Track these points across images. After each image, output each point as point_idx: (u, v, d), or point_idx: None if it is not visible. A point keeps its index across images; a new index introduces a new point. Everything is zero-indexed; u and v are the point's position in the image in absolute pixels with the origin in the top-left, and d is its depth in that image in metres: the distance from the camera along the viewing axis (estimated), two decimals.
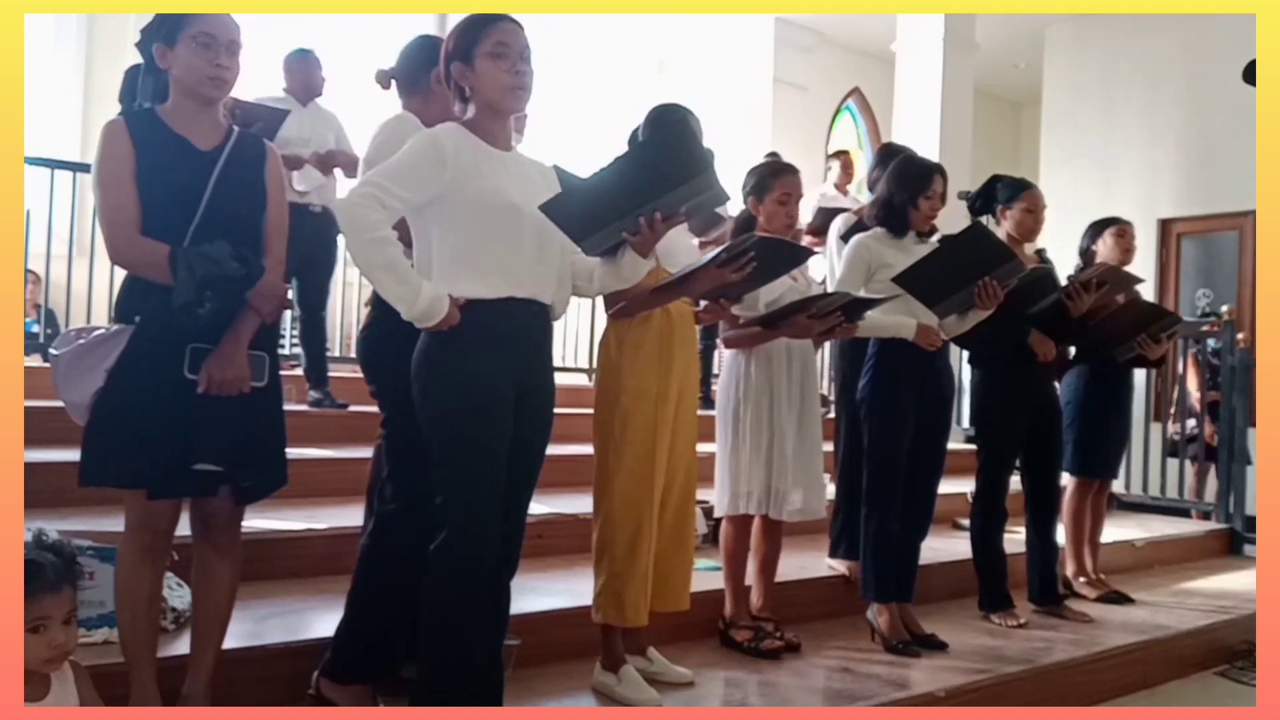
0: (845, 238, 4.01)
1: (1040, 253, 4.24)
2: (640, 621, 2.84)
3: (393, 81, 2.84)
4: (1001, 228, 4.02)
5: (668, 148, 2.36)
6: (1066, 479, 4.47)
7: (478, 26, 2.33)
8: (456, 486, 2.24)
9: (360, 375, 2.75)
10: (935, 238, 3.61)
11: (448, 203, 2.25)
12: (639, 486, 2.81)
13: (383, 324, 2.59)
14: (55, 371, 2.22)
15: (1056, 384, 4.37)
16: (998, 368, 4.00)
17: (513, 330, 2.30)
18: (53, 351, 2.24)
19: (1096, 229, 4.50)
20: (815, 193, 5.80)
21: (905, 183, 3.52)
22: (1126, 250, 4.40)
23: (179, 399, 2.17)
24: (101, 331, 2.21)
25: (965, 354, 4.28)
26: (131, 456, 2.15)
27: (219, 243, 2.19)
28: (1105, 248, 4.41)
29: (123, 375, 2.15)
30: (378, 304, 2.63)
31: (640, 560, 2.81)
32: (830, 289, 3.48)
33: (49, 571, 1.83)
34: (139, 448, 2.14)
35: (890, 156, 4.16)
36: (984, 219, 4.18)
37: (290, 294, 3.59)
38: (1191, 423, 6.64)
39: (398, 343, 2.40)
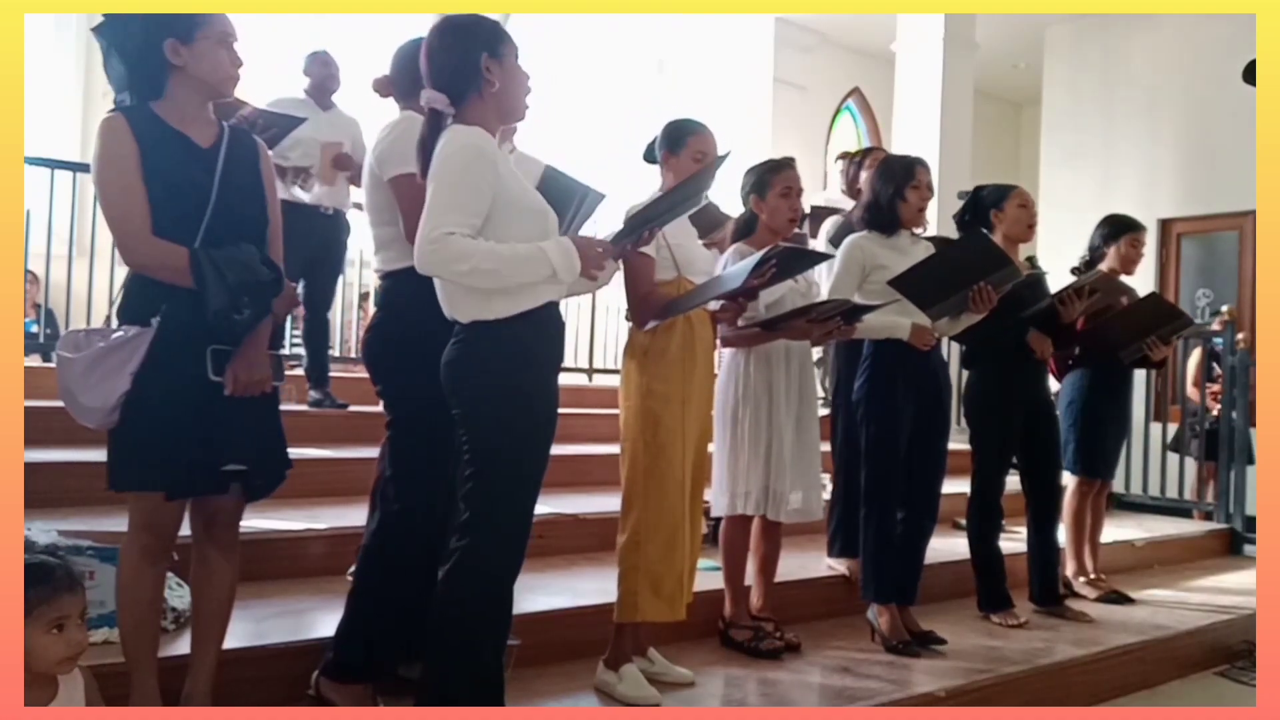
0: (834, 242, 4.01)
1: (1031, 259, 4.23)
2: (679, 615, 2.90)
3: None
4: (996, 231, 4.02)
5: (700, 181, 2.54)
6: (1068, 479, 4.47)
7: (499, 28, 2.32)
8: (494, 496, 2.21)
9: (361, 375, 2.76)
10: (927, 233, 3.62)
11: (490, 211, 2.21)
12: (671, 487, 2.85)
13: (386, 326, 2.59)
14: (69, 374, 2.17)
15: (1054, 384, 4.36)
16: (992, 368, 4.00)
17: (550, 338, 2.32)
18: (64, 355, 2.19)
19: (1113, 231, 4.40)
20: (820, 196, 5.79)
21: (890, 178, 3.52)
22: (1134, 261, 4.37)
23: (204, 400, 2.18)
24: (119, 334, 2.17)
25: (960, 352, 4.28)
26: (165, 460, 2.15)
27: (246, 247, 2.20)
28: (1117, 254, 4.34)
29: (150, 379, 2.13)
30: (383, 305, 2.63)
31: (677, 557, 2.86)
32: (825, 289, 3.49)
33: (60, 573, 1.83)
34: (172, 451, 2.15)
35: (853, 160, 4.23)
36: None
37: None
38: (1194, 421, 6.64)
39: (401, 344, 2.40)
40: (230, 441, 2.21)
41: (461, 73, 2.25)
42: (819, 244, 4.29)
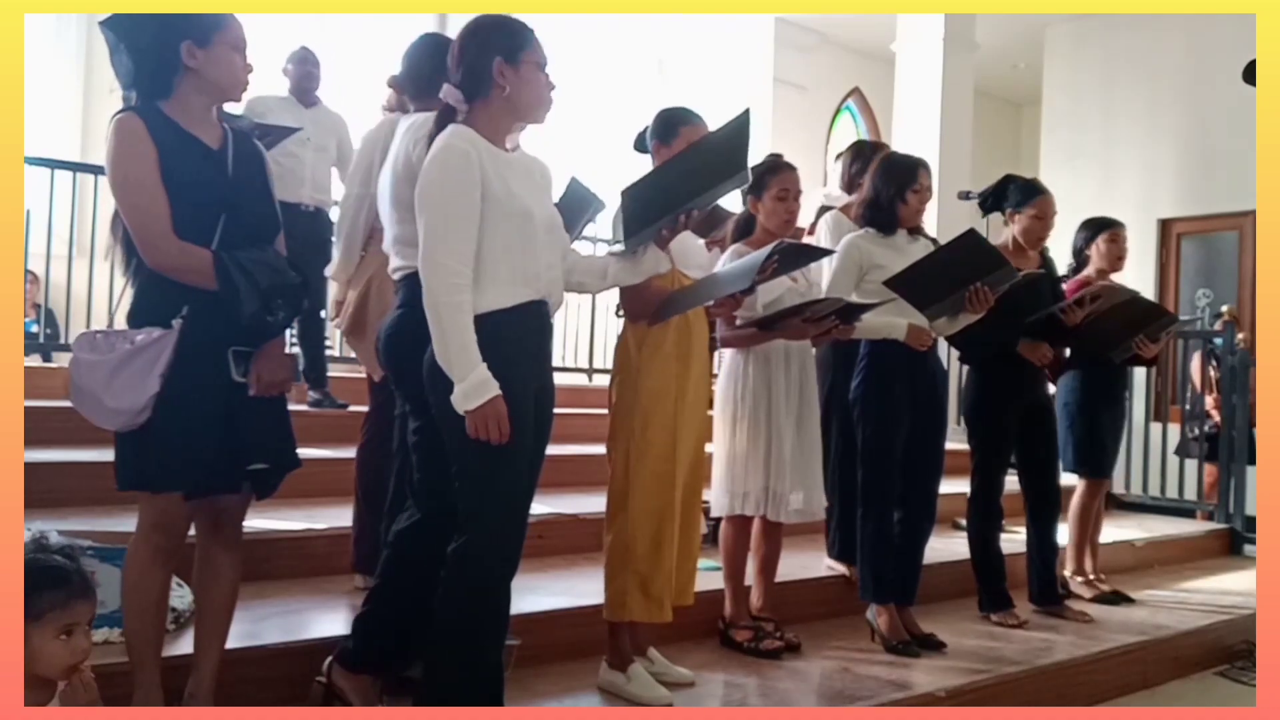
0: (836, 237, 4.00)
1: (1042, 251, 4.23)
2: (666, 617, 2.87)
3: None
4: (1008, 230, 4.02)
5: (728, 144, 2.35)
6: (1073, 480, 4.47)
7: (523, 32, 2.33)
8: (481, 495, 2.24)
9: (360, 375, 2.75)
10: (927, 232, 3.62)
11: None
12: (662, 486, 2.83)
13: (411, 326, 2.57)
14: (92, 377, 2.16)
15: (1051, 385, 4.36)
16: (990, 367, 4.00)
17: (531, 333, 2.32)
18: (85, 357, 2.18)
19: (1090, 231, 4.46)
20: (819, 194, 5.79)
21: (891, 178, 3.52)
22: (1118, 257, 4.39)
23: (229, 401, 2.20)
24: (143, 336, 2.16)
25: (957, 353, 4.28)
26: (194, 460, 2.16)
27: (268, 249, 2.23)
28: (1098, 252, 4.38)
29: (179, 380, 2.13)
30: (406, 305, 2.61)
31: (665, 557, 2.83)
32: (824, 288, 3.49)
33: (75, 578, 1.83)
34: (201, 452, 2.16)
35: (862, 154, 4.18)
36: (990, 216, 4.18)
37: None
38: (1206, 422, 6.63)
39: (426, 345, 2.40)
40: (254, 441, 2.24)
41: (474, 74, 2.31)
42: (821, 239, 4.28)
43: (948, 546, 4.42)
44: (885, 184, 3.51)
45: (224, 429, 2.19)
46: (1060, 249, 4.63)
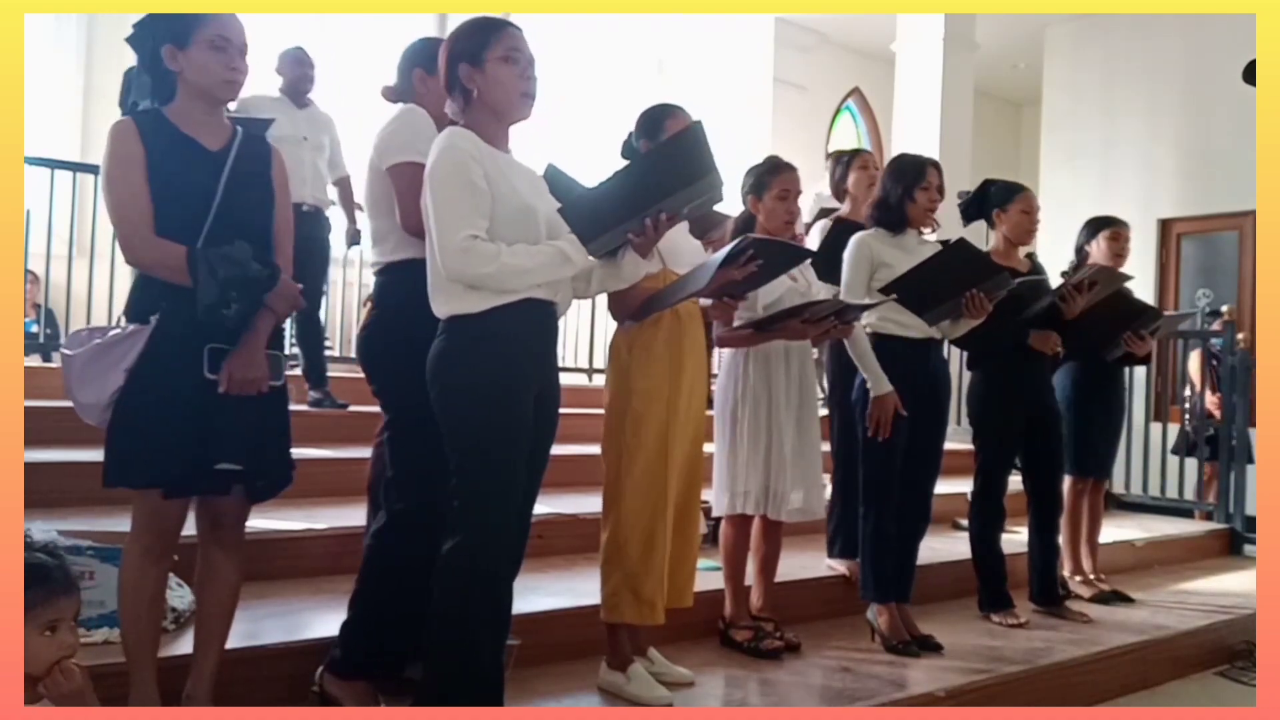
0: (829, 244, 4.00)
1: (1030, 256, 4.23)
2: (658, 619, 2.85)
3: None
4: (997, 231, 4.02)
5: (679, 152, 2.33)
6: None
7: (487, 30, 2.33)
8: (476, 492, 2.24)
9: (361, 375, 2.75)
10: (933, 235, 3.62)
11: None
12: (653, 487, 2.82)
13: (383, 323, 2.59)
14: (68, 372, 2.20)
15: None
16: (995, 368, 4.00)
17: (532, 333, 2.31)
18: (66, 352, 2.22)
19: (1092, 228, 4.50)
20: (811, 193, 5.79)
21: (900, 177, 3.52)
22: (1119, 254, 4.40)
23: (199, 398, 2.18)
24: (117, 331, 2.19)
25: (964, 355, 4.28)
26: (157, 457, 2.15)
27: (240, 244, 2.20)
28: (1099, 250, 4.41)
29: (144, 375, 2.14)
30: (379, 302, 2.63)
31: (656, 559, 2.82)
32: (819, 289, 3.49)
33: (57, 574, 1.83)
34: (164, 448, 2.15)
35: (841, 161, 4.23)
36: (977, 224, 4.19)
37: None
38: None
39: (399, 342, 2.39)
40: (223, 440, 2.20)
41: (451, 85, 2.35)
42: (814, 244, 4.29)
43: (948, 546, 4.42)
44: (894, 183, 3.52)
45: (194, 426, 2.16)
46: (1060, 249, 4.64)
